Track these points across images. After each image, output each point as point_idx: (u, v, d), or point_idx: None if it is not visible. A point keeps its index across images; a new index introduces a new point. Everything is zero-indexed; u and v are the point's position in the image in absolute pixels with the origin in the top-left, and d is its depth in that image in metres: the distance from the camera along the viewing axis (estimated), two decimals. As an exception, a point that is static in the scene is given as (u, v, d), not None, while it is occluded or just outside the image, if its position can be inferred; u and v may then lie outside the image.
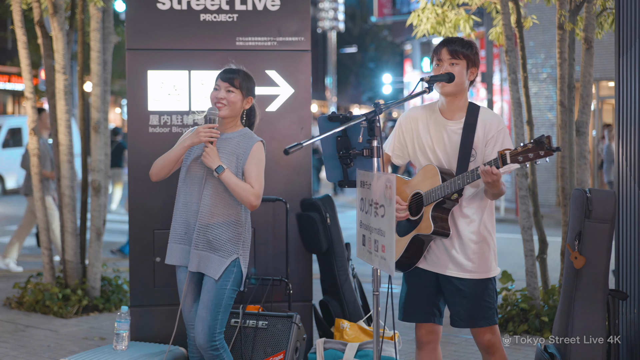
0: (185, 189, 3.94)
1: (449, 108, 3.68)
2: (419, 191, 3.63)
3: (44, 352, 5.54)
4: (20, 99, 29.20)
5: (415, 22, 6.81)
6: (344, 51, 41.02)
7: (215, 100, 3.91)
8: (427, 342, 3.78)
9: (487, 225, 3.68)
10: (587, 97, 5.99)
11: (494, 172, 3.35)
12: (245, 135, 3.97)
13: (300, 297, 5.16)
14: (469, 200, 3.64)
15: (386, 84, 33.84)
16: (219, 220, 3.86)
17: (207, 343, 3.85)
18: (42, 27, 6.92)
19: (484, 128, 3.62)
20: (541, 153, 3.27)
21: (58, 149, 6.87)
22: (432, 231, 3.55)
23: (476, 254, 3.63)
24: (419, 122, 3.74)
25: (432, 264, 3.69)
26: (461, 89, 3.64)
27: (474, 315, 3.66)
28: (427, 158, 3.69)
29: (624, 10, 4.48)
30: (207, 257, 3.86)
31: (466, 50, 3.62)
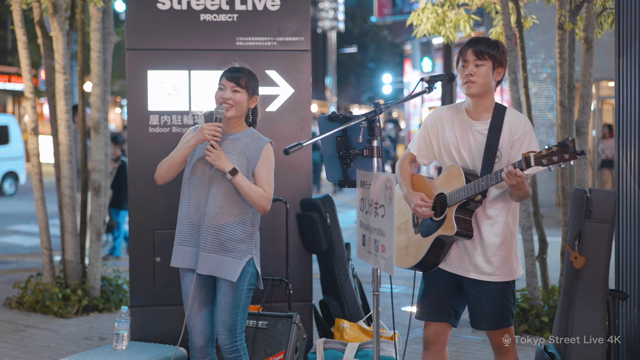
0: (190, 189, 3.86)
1: (475, 108, 3.65)
2: (443, 192, 3.61)
3: (44, 352, 5.54)
4: (20, 99, 29.20)
5: (416, 22, 6.81)
6: (344, 51, 41.00)
7: (221, 101, 3.82)
8: (435, 343, 3.77)
9: (510, 228, 3.65)
10: (587, 97, 5.99)
11: (517, 174, 3.33)
12: (253, 136, 3.89)
13: (300, 297, 5.16)
14: (492, 202, 3.61)
15: (386, 84, 33.83)
16: (231, 221, 3.78)
17: (229, 344, 3.81)
18: (42, 27, 6.92)
19: (510, 129, 3.59)
20: (566, 156, 3.25)
21: (58, 149, 6.87)
22: (455, 232, 3.52)
23: (498, 256, 3.61)
24: (444, 122, 3.71)
25: (453, 265, 3.67)
26: (487, 89, 3.61)
27: (492, 317, 3.65)
28: (452, 158, 3.67)
29: (624, 10, 4.48)
30: (221, 259, 3.78)
31: (492, 50, 3.57)
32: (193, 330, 3.90)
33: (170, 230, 4.97)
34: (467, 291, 3.70)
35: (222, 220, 3.78)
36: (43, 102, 23.91)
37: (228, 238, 3.79)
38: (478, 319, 3.70)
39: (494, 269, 3.61)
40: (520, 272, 3.71)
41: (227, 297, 3.80)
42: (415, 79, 24.92)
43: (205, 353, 3.91)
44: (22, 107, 29.65)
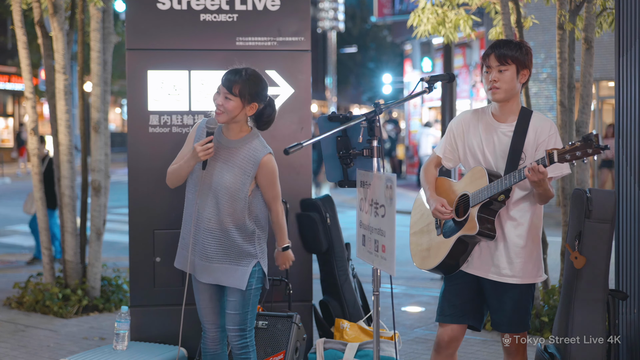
0: (194, 196, 3.83)
1: (501, 112, 3.63)
2: (466, 192, 3.60)
3: (44, 352, 5.54)
4: (20, 99, 29.20)
5: (416, 23, 6.81)
6: (344, 51, 41.00)
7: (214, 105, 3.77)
8: (447, 347, 3.73)
9: (535, 230, 3.63)
10: (587, 97, 5.99)
11: (540, 170, 3.30)
12: (251, 147, 3.79)
13: (300, 297, 5.16)
14: (516, 203, 3.59)
15: (386, 84, 33.81)
16: (229, 227, 3.77)
17: (239, 342, 3.86)
18: (42, 27, 6.92)
19: (535, 132, 3.56)
20: (589, 151, 3.23)
21: (58, 149, 6.87)
22: (477, 232, 3.49)
23: (521, 258, 3.59)
24: (470, 125, 3.70)
25: (475, 267, 3.65)
26: (512, 94, 3.58)
27: (513, 320, 3.64)
28: (476, 160, 3.66)
29: (624, 10, 4.48)
30: (227, 269, 3.80)
31: (515, 52, 3.53)
32: (206, 322, 3.95)
33: (170, 231, 4.99)
34: (488, 293, 3.67)
35: (222, 227, 3.77)
36: (43, 102, 23.91)
37: (229, 247, 3.78)
38: (499, 322, 3.68)
39: (516, 271, 3.58)
40: (543, 276, 3.68)
41: (236, 297, 3.83)
42: (415, 79, 24.91)
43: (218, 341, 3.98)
44: (22, 107, 29.65)
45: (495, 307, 3.67)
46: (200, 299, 3.92)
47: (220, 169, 3.77)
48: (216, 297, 3.92)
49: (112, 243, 10.75)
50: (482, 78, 3.63)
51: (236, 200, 3.75)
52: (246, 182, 3.76)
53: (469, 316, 3.71)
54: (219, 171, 3.77)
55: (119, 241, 10.91)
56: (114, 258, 9.70)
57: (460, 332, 3.73)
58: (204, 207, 3.78)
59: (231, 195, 3.75)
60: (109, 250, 10.04)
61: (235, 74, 3.74)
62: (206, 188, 3.77)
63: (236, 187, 3.75)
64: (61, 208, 6.87)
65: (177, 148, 4.07)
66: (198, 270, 3.86)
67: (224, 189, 3.75)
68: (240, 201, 3.76)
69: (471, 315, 3.72)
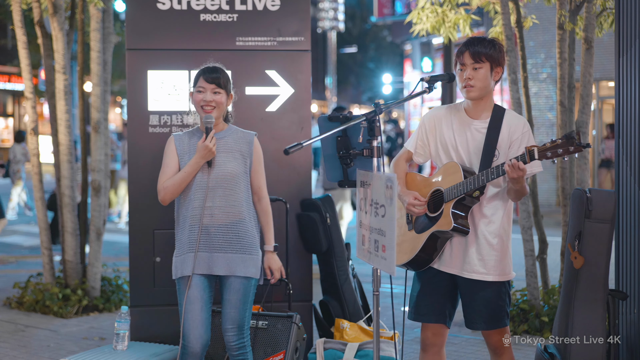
0: (189, 194, 3.85)
1: (474, 108, 3.65)
2: (440, 188, 3.61)
3: (44, 352, 5.54)
4: (20, 99, 29.20)
5: (415, 20, 6.80)
6: (344, 51, 41.00)
7: (202, 104, 3.82)
8: (433, 345, 3.75)
9: (505, 228, 3.65)
10: (587, 97, 5.99)
11: (520, 167, 3.32)
12: (237, 132, 3.96)
13: (300, 297, 5.16)
14: (489, 200, 3.61)
15: (386, 84, 33.81)
16: (240, 218, 3.84)
17: (237, 341, 3.84)
18: (42, 27, 6.92)
19: (509, 129, 3.59)
20: (571, 149, 3.25)
21: (58, 149, 6.87)
22: (452, 227, 3.51)
23: (493, 255, 3.60)
24: (442, 120, 3.71)
25: (447, 265, 3.66)
26: (486, 92, 3.61)
27: (487, 317, 3.64)
28: (449, 156, 3.67)
29: (624, 10, 4.48)
30: (238, 258, 3.82)
31: (489, 50, 3.56)
32: (192, 335, 3.79)
33: (170, 230, 4.98)
34: (462, 291, 3.69)
35: (234, 218, 3.83)
36: (43, 102, 23.91)
37: (242, 236, 3.84)
38: (472, 319, 3.68)
39: (489, 268, 3.60)
40: (513, 274, 3.70)
41: (238, 294, 3.83)
42: (415, 79, 24.91)
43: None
44: (22, 107, 29.65)
45: (468, 305, 3.68)
46: (190, 309, 3.79)
47: (221, 160, 3.85)
48: (206, 309, 3.83)
49: (112, 243, 10.75)
50: (456, 74, 3.64)
51: (242, 186, 3.86)
52: (247, 164, 3.89)
53: (443, 315, 3.72)
54: (220, 162, 3.84)
55: (119, 241, 10.92)
56: (114, 258, 9.70)
57: (443, 329, 3.74)
58: (214, 202, 3.81)
59: (237, 182, 3.84)
60: (109, 250, 10.05)
61: (215, 70, 3.90)
62: (212, 183, 3.81)
63: (240, 171, 3.87)
64: (61, 208, 6.87)
65: (177, 148, 4.06)
66: (210, 265, 3.81)
67: (230, 177, 3.83)
68: (245, 186, 3.88)
69: (445, 314, 3.73)
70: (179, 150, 3.89)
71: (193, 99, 3.89)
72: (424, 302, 3.73)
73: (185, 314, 3.80)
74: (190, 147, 3.89)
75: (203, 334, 3.81)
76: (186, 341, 3.80)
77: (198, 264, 3.82)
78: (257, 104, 5.11)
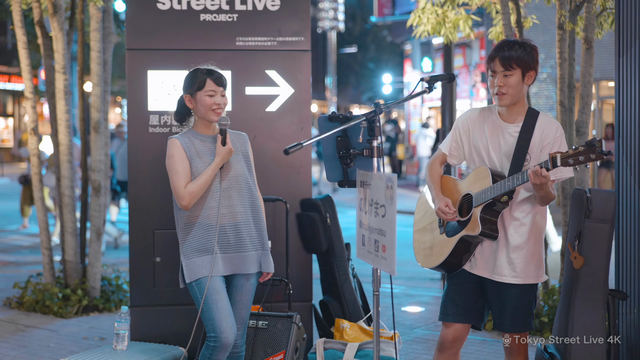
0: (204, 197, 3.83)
1: (508, 112, 3.62)
2: (470, 192, 3.60)
3: (44, 352, 5.54)
4: (20, 99, 29.20)
5: (416, 23, 6.80)
6: (344, 51, 41.00)
7: (215, 107, 3.83)
8: (450, 347, 3.74)
9: (537, 230, 3.62)
10: (587, 97, 5.99)
11: (543, 174, 3.28)
12: (232, 133, 3.99)
13: (300, 297, 5.16)
14: (520, 204, 3.58)
15: (386, 84, 33.81)
16: (254, 217, 3.91)
17: (241, 339, 3.89)
18: (42, 27, 6.92)
19: (541, 133, 3.54)
20: (592, 156, 3.21)
21: (58, 149, 6.87)
22: (480, 232, 3.49)
23: (522, 258, 3.58)
24: (476, 123, 3.68)
25: (477, 267, 3.65)
26: (518, 98, 3.56)
27: (515, 320, 3.64)
28: (481, 159, 3.65)
29: (624, 10, 4.48)
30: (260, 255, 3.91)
31: (520, 55, 3.49)
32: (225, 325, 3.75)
33: (170, 230, 4.98)
34: (490, 293, 3.67)
35: (250, 215, 3.89)
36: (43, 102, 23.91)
37: (257, 233, 3.91)
38: (500, 321, 3.68)
39: (518, 271, 3.58)
40: (544, 277, 3.67)
41: (250, 294, 3.92)
42: (415, 79, 24.92)
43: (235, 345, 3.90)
44: (22, 107, 29.65)
45: (496, 307, 3.67)
46: (217, 299, 3.76)
47: (229, 162, 3.88)
48: (228, 300, 3.83)
49: (112, 243, 10.75)
50: (488, 81, 3.60)
51: (250, 184, 3.92)
52: (249, 163, 3.96)
53: (472, 315, 3.71)
54: (229, 163, 3.88)
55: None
56: (114, 258, 9.71)
57: (464, 332, 3.73)
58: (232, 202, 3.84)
59: (247, 181, 3.90)
60: (109, 250, 10.05)
61: (218, 72, 3.90)
62: (225, 184, 3.84)
63: (245, 171, 3.93)
64: (61, 208, 6.87)
65: (177, 148, 4.04)
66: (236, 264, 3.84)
67: (242, 177, 3.89)
68: (254, 185, 3.95)
69: (474, 314, 3.72)
70: (188, 153, 3.84)
71: (199, 103, 3.84)
72: (450, 302, 3.72)
73: (213, 304, 3.75)
74: (199, 151, 3.85)
75: (234, 324, 3.78)
76: (219, 332, 3.74)
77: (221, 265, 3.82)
78: (257, 104, 5.11)
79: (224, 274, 3.84)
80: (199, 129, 3.92)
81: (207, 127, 3.91)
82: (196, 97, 3.85)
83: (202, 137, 3.90)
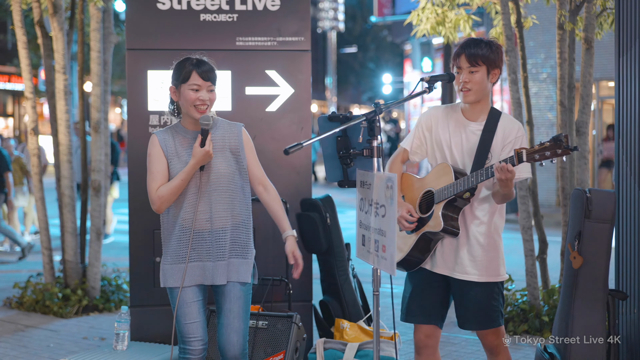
0: (181, 200, 3.58)
1: (471, 110, 3.66)
2: (431, 189, 3.61)
3: (44, 352, 5.54)
4: (20, 99, 29.20)
5: (415, 22, 6.80)
6: (344, 51, 41.01)
7: (198, 103, 3.54)
8: (426, 347, 3.74)
9: (497, 229, 3.65)
10: (587, 97, 5.99)
11: (509, 169, 3.32)
12: (223, 125, 3.67)
13: (300, 297, 5.16)
14: (480, 202, 3.61)
15: (386, 84, 33.83)
16: (237, 222, 3.62)
17: (241, 351, 3.64)
18: (42, 27, 6.92)
19: (503, 132, 3.59)
20: (558, 151, 3.26)
21: (58, 149, 6.87)
22: (442, 229, 3.52)
23: (484, 256, 3.60)
24: (439, 120, 3.71)
25: (439, 266, 3.66)
26: (483, 94, 3.61)
27: (480, 317, 3.64)
28: (443, 156, 3.67)
29: (624, 11, 4.48)
30: (236, 263, 3.61)
31: (485, 53, 3.54)
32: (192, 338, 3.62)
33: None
34: (454, 291, 3.69)
35: (232, 221, 3.61)
36: (43, 102, 23.92)
37: (238, 240, 3.63)
38: (465, 319, 3.68)
39: (480, 269, 3.60)
40: (506, 276, 3.69)
41: (239, 302, 3.61)
42: (415, 79, 24.92)
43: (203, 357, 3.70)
44: (22, 107, 29.65)
45: (460, 305, 3.68)
46: (187, 312, 3.60)
47: (212, 162, 3.59)
48: (202, 310, 3.65)
49: (112, 243, 10.75)
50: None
51: (237, 186, 3.62)
52: (239, 160, 3.63)
53: (438, 316, 3.72)
54: (212, 164, 3.59)
55: (119, 241, 10.92)
56: (114, 258, 9.71)
57: (435, 330, 3.74)
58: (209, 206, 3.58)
59: (230, 183, 3.60)
60: (109, 250, 10.05)
61: (207, 64, 3.60)
62: (205, 187, 3.58)
63: (232, 170, 3.61)
64: (61, 208, 6.87)
65: (177, 148, 4.04)
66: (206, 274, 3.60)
67: (225, 178, 3.59)
68: (240, 186, 3.63)
69: (440, 315, 3.73)
70: (165, 152, 3.61)
71: (182, 96, 3.58)
72: (416, 303, 3.72)
73: (182, 316, 3.61)
74: (179, 149, 3.60)
75: (204, 335, 3.65)
76: (187, 344, 3.63)
77: (192, 274, 3.60)
78: (257, 104, 5.11)
79: (199, 283, 3.61)
80: (185, 124, 3.65)
81: (193, 123, 3.62)
82: (180, 90, 3.59)
83: (186, 133, 3.63)
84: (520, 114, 6.14)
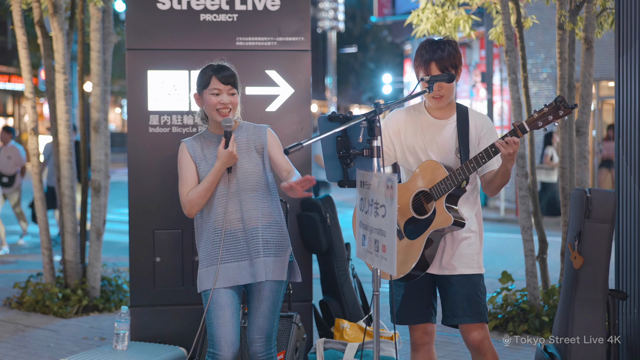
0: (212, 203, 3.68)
1: (439, 109, 3.69)
2: (423, 189, 3.61)
3: (44, 352, 5.54)
4: (20, 99, 29.21)
5: (415, 22, 6.80)
6: (344, 51, 41.01)
7: (219, 107, 3.67)
8: (423, 344, 3.78)
9: (478, 223, 3.72)
10: (587, 97, 5.99)
11: (515, 141, 3.34)
12: (249, 128, 3.79)
13: (300, 297, 5.16)
14: (462, 199, 3.65)
15: (386, 84, 33.82)
16: (268, 221, 3.70)
17: (265, 352, 3.66)
18: (42, 27, 6.92)
19: (475, 126, 3.65)
20: (560, 113, 3.30)
21: (58, 149, 6.87)
22: (453, 222, 3.51)
23: (468, 250, 3.65)
24: (407, 123, 3.72)
25: None
26: (452, 96, 3.67)
27: (467, 310, 3.65)
28: (417, 159, 3.68)
29: (624, 10, 4.48)
30: (269, 262, 3.66)
31: (452, 59, 3.57)
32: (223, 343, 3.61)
33: (170, 230, 4.99)
34: (442, 287, 3.71)
35: (263, 221, 3.68)
36: (43, 102, 23.93)
37: (270, 239, 3.69)
38: (452, 312, 3.67)
39: (465, 262, 3.64)
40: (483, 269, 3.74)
41: (268, 301, 3.68)
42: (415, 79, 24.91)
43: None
44: (22, 107, 29.66)
45: (447, 299, 3.69)
46: (220, 315, 3.61)
47: (239, 163, 3.69)
48: (236, 314, 3.66)
49: (112, 243, 10.75)
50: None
51: (264, 184, 3.71)
52: (263, 159, 3.73)
53: (430, 313, 3.75)
54: (239, 165, 3.69)
55: (119, 241, 10.92)
56: (114, 258, 9.71)
57: (431, 326, 3.78)
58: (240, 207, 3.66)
59: (258, 182, 3.69)
60: (109, 250, 10.05)
61: (227, 69, 3.72)
62: (234, 188, 3.67)
63: (259, 170, 3.72)
64: (61, 208, 6.87)
65: (177, 148, 4.03)
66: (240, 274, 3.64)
67: (252, 177, 3.69)
68: (267, 184, 3.73)
69: (431, 311, 3.76)
70: (193, 157, 3.72)
71: (204, 102, 3.70)
72: (410, 305, 3.74)
73: (215, 319, 3.61)
74: (206, 153, 3.72)
75: (235, 340, 3.63)
76: (217, 349, 3.61)
77: (227, 275, 3.64)
78: (257, 104, 5.11)
79: (234, 284, 3.65)
80: (211, 129, 3.78)
81: (217, 127, 3.74)
82: (203, 96, 3.72)
83: (212, 137, 3.76)
84: (520, 114, 6.14)
